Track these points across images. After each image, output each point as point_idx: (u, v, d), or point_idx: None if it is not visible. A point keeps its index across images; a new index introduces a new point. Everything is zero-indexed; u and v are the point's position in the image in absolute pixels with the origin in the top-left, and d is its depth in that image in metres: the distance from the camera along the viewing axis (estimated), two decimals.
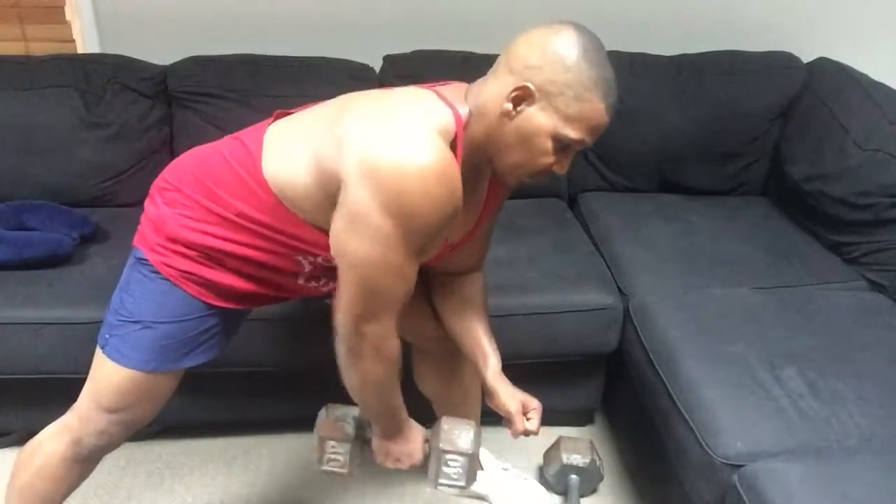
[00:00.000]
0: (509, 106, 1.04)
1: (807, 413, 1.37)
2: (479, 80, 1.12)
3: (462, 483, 1.25)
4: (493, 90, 1.07)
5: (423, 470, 1.30)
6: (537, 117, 1.04)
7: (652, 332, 1.63)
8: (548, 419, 1.93)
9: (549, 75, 1.02)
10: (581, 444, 1.72)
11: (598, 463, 1.71)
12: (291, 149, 1.13)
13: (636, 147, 2.18)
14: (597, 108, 1.05)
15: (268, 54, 2.10)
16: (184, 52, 2.07)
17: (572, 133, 1.05)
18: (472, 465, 1.26)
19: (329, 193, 1.05)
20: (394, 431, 1.26)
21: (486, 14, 2.27)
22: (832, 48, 2.23)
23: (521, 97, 1.04)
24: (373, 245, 1.00)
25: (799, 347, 1.53)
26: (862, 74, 2.06)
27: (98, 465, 1.32)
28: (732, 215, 2.11)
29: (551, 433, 1.81)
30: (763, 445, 1.31)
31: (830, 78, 2.12)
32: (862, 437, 1.32)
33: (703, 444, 1.35)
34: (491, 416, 1.61)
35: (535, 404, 1.32)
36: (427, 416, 1.65)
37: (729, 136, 2.19)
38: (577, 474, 1.70)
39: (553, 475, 1.72)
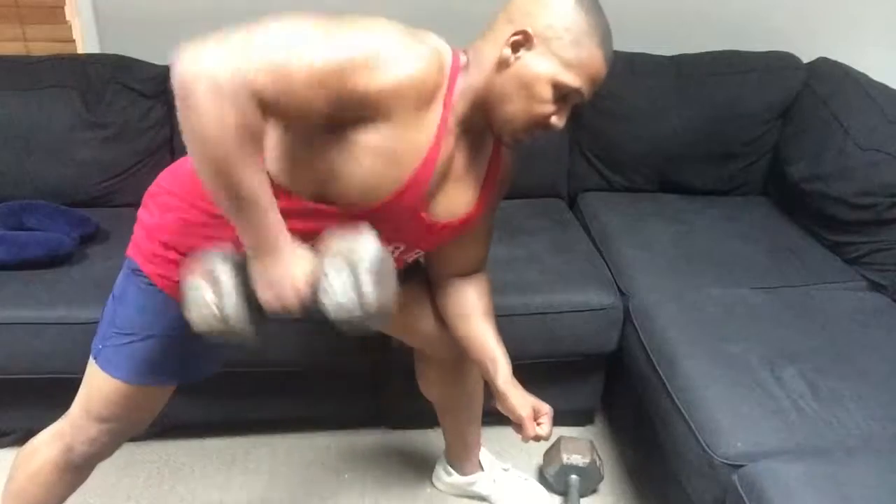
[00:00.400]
0: (508, 51, 1.05)
1: (807, 413, 1.37)
2: (477, 38, 1.12)
3: (353, 305, 0.95)
4: (490, 40, 1.08)
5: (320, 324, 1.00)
6: (536, 62, 1.04)
7: (652, 332, 1.63)
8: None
9: (547, 20, 1.03)
10: (581, 444, 1.72)
11: (598, 463, 1.71)
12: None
13: (636, 147, 2.18)
14: (594, 55, 1.06)
15: None
16: None
17: (571, 80, 1.05)
18: (365, 277, 0.95)
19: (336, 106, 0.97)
20: (265, 243, 0.98)
21: (487, 14, 2.27)
22: (832, 48, 2.23)
23: (520, 42, 1.04)
24: (317, 31, 0.94)
25: (799, 347, 1.53)
26: (862, 74, 2.06)
27: (98, 465, 1.32)
28: (732, 215, 2.11)
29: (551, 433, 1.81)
30: (763, 445, 1.31)
31: (830, 78, 2.12)
32: (862, 437, 1.32)
33: (703, 444, 1.35)
34: (491, 416, 1.61)
35: (546, 409, 1.32)
36: (431, 420, 1.66)
37: (729, 136, 2.19)
38: (577, 474, 1.70)
39: (553, 475, 1.72)
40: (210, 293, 0.97)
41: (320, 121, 0.97)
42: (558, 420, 1.91)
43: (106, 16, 2.19)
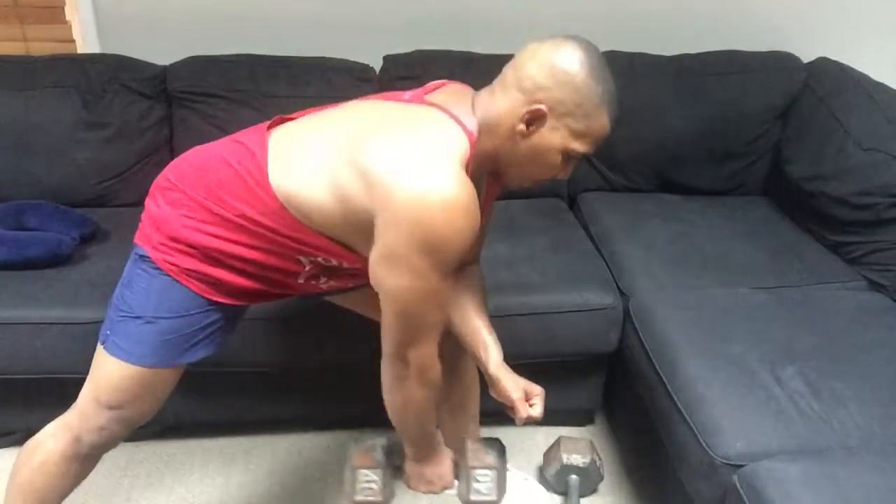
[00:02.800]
0: (523, 127, 1.09)
1: (807, 413, 1.37)
2: (485, 92, 1.14)
3: (493, 497, 1.28)
4: (502, 106, 1.10)
5: (453, 492, 1.34)
6: (549, 136, 1.10)
7: (652, 332, 1.63)
8: (548, 419, 1.93)
9: (559, 95, 1.07)
10: (581, 444, 1.72)
11: (598, 463, 1.71)
12: (300, 160, 1.14)
13: (636, 147, 2.18)
14: (603, 123, 1.11)
15: (268, 54, 2.10)
16: (184, 52, 2.07)
17: (580, 147, 1.11)
18: (501, 478, 1.29)
19: (350, 220, 1.10)
20: (427, 454, 1.29)
21: (486, 14, 2.27)
22: (832, 48, 2.23)
23: (533, 118, 1.08)
24: (410, 279, 1.04)
25: (799, 347, 1.53)
26: (862, 74, 2.06)
27: (98, 465, 1.32)
28: (732, 215, 2.11)
29: (551, 433, 1.81)
30: (763, 445, 1.31)
31: (830, 78, 2.12)
32: (862, 437, 1.32)
33: (703, 444, 1.35)
34: (491, 416, 1.61)
35: (537, 390, 1.33)
36: None
37: (729, 136, 2.19)
38: (577, 474, 1.70)
39: (553, 475, 1.72)
40: (377, 483, 1.27)
41: None
42: (558, 420, 1.92)
43: (106, 16, 2.20)
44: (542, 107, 1.06)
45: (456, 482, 1.32)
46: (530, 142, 1.10)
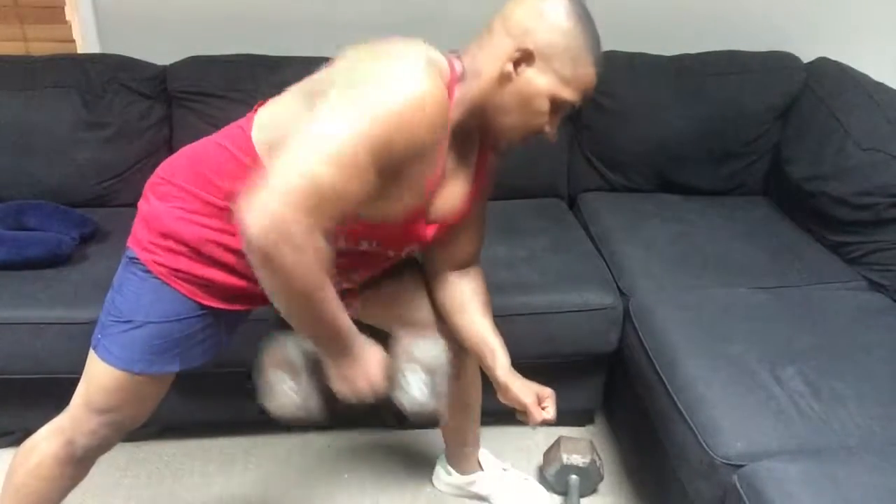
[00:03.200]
0: (510, 68, 1.08)
1: (807, 413, 1.37)
2: (472, 45, 1.14)
3: (427, 402, 1.11)
4: (488, 52, 1.10)
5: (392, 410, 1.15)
6: (536, 79, 1.09)
7: (652, 332, 1.63)
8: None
9: (548, 38, 1.07)
10: (581, 444, 1.72)
11: (598, 463, 1.71)
12: (278, 112, 1.14)
13: (636, 147, 2.18)
14: (590, 71, 1.10)
15: (268, 54, 2.10)
16: (184, 52, 2.08)
17: (569, 95, 1.10)
18: (438, 380, 1.13)
19: None
20: (341, 350, 1.08)
21: (486, 14, 2.27)
22: (832, 48, 2.23)
23: (522, 59, 1.07)
24: (340, 133, 0.94)
25: (799, 347, 1.53)
26: (862, 74, 2.06)
27: (98, 465, 1.32)
28: (732, 215, 2.11)
29: (551, 433, 1.81)
30: (763, 445, 1.31)
31: (830, 78, 2.12)
32: (862, 437, 1.32)
33: (703, 444, 1.35)
34: (491, 416, 1.61)
35: (548, 392, 1.33)
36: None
37: (729, 136, 2.19)
38: (577, 474, 1.70)
39: (553, 475, 1.72)
40: (290, 384, 1.10)
41: (372, 193, 1.01)
42: (558, 420, 1.92)
43: (106, 16, 2.20)
44: (530, 47, 1.06)
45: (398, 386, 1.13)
46: (517, 85, 1.09)
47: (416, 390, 1.11)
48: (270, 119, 1.15)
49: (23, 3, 2.15)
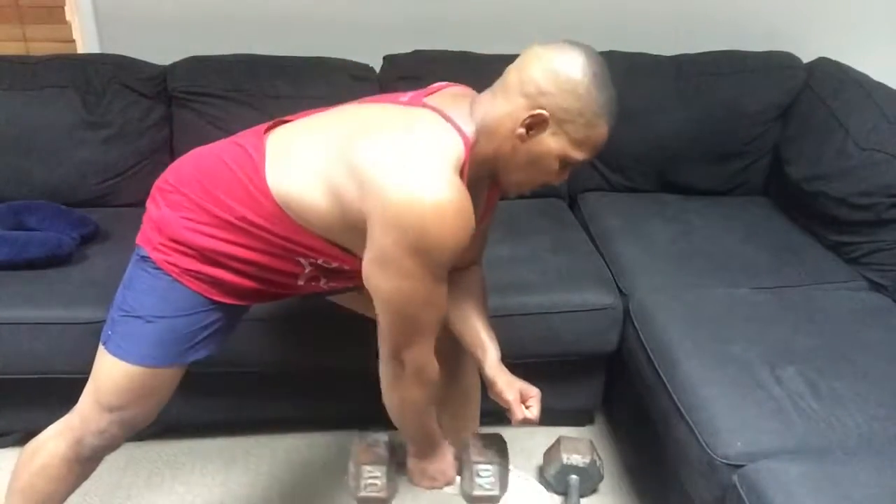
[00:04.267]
0: (523, 131, 1.08)
1: (807, 413, 1.37)
2: (486, 95, 1.14)
3: (496, 492, 1.29)
4: (502, 110, 1.09)
5: (455, 489, 1.35)
6: (548, 142, 1.09)
7: (652, 332, 1.63)
8: (548, 419, 1.92)
9: (562, 102, 1.06)
10: (581, 444, 1.72)
11: (598, 463, 1.71)
12: (296, 163, 1.15)
13: (636, 147, 2.18)
14: (602, 132, 1.11)
15: (268, 54, 2.10)
16: (184, 52, 2.08)
17: (578, 155, 1.11)
18: (504, 473, 1.30)
19: (345, 221, 1.10)
20: (428, 451, 1.30)
21: (486, 14, 2.27)
22: (832, 48, 2.23)
23: (535, 123, 1.08)
24: (402, 281, 1.05)
25: (799, 347, 1.53)
26: (862, 74, 2.06)
27: (98, 465, 1.32)
28: (732, 215, 2.11)
29: (551, 433, 1.81)
30: (763, 445, 1.31)
31: (830, 78, 2.12)
32: (862, 437, 1.32)
33: (703, 444, 1.35)
34: (491, 416, 1.61)
35: (533, 392, 1.32)
36: None
37: (729, 136, 2.19)
38: (577, 474, 1.70)
39: (553, 475, 1.72)
40: (381, 480, 1.28)
41: None
42: (558, 420, 1.92)
43: (106, 16, 2.20)
44: (545, 112, 1.06)
45: (458, 478, 1.32)
46: (529, 147, 1.10)
47: (488, 483, 1.29)
48: (288, 164, 1.15)
49: (23, 3, 2.15)
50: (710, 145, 2.18)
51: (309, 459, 1.85)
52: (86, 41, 2.21)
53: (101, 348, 1.23)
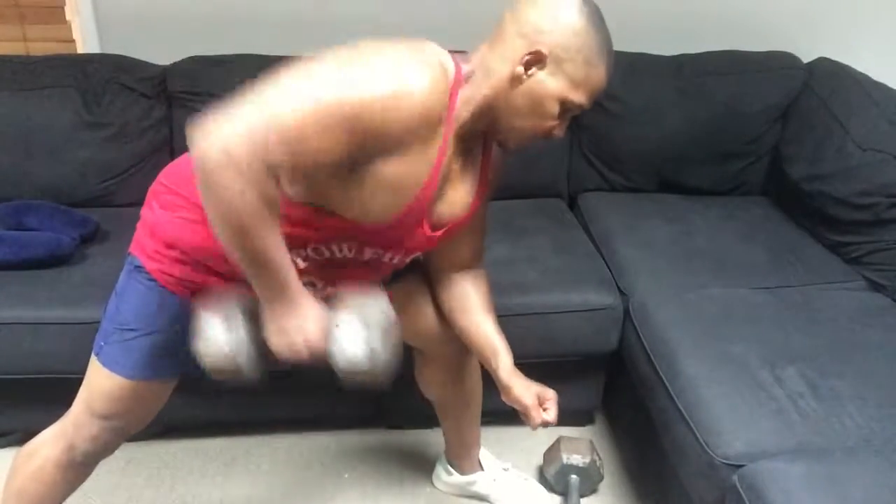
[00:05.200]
0: (521, 70, 1.06)
1: (807, 413, 1.37)
2: (483, 44, 1.13)
3: (361, 359, 1.01)
4: (500, 52, 1.08)
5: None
6: (547, 81, 1.07)
7: (652, 332, 1.63)
8: None
9: (560, 40, 1.05)
10: (581, 444, 1.72)
11: (598, 463, 1.71)
12: None
13: (636, 147, 2.18)
14: (601, 74, 1.10)
15: (268, 54, 2.10)
16: (184, 52, 2.07)
17: (579, 98, 1.09)
18: (376, 336, 1.02)
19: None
20: (279, 298, 1.03)
21: (486, 14, 2.26)
22: (832, 48, 2.23)
23: (533, 62, 1.06)
24: (316, 89, 0.95)
25: (799, 347, 1.53)
26: (862, 74, 2.06)
27: (98, 466, 1.32)
28: (732, 215, 2.11)
29: (551, 433, 1.81)
30: (763, 445, 1.31)
31: (830, 78, 2.12)
32: (862, 437, 1.32)
33: (703, 444, 1.35)
34: (491, 416, 1.61)
35: (550, 394, 1.33)
36: (431, 420, 1.66)
37: (729, 136, 2.18)
38: (577, 474, 1.70)
39: (553, 475, 1.72)
40: (224, 335, 1.02)
41: (334, 167, 1.00)
42: (558, 420, 1.92)
43: (106, 16, 2.20)
44: (543, 49, 1.05)
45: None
46: (528, 87, 1.07)
47: (348, 343, 1.01)
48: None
49: (23, 3, 2.15)
50: (710, 145, 2.18)
51: (309, 459, 1.85)
52: (86, 41, 2.21)
53: (92, 357, 1.22)
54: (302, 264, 1.19)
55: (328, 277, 1.21)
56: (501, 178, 1.32)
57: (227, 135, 0.91)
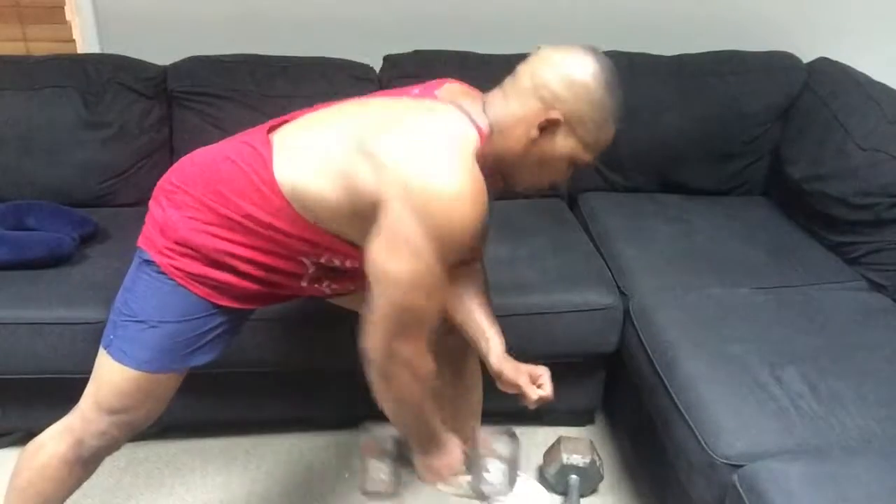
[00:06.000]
0: (536, 133, 1.10)
1: (807, 413, 1.37)
2: (497, 95, 1.15)
3: (504, 490, 1.26)
4: (516, 111, 1.11)
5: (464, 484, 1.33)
6: (559, 144, 1.12)
7: (652, 332, 1.63)
8: (548, 419, 1.93)
9: (576, 108, 1.09)
10: (581, 444, 1.72)
11: (598, 463, 1.71)
12: (307, 154, 1.15)
13: (636, 147, 2.18)
14: (610, 134, 1.15)
15: (268, 54, 2.10)
16: (184, 52, 2.07)
17: (586, 157, 1.15)
18: (513, 469, 1.27)
19: (357, 210, 1.09)
20: (432, 446, 1.26)
21: (486, 14, 2.27)
22: (832, 48, 2.23)
23: (548, 126, 1.10)
24: (412, 264, 1.04)
25: (799, 347, 1.53)
26: (862, 74, 2.06)
27: (98, 467, 1.32)
28: (732, 215, 2.11)
29: (551, 433, 1.81)
30: (763, 445, 1.31)
31: (830, 78, 2.12)
32: (862, 437, 1.33)
33: (703, 444, 1.35)
34: (491, 416, 1.61)
35: (541, 370, 1.34)
36: None
37: (729, 136, 2.19)
38: (577, 474, 1.70)
39: (553, 475, 1.72)
40: (384, 470, 1.27)
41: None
42: (558, 420, 1.92)
43: (106, 16, 2.20)
44: (559, 116, 1.08)
45: (467, 474, 1.30)
46: (540, 148, 1.12)
47: (496, 479, 1.26)
48: (297, 156, 1.15)
49: (23, 3, 2.15)
50: (710, 145, 2.19)
51: (309, 459, 1.85)
52: (86, 41, 2.21)
53: (101, 351, 1.23)
54: (311, 269, 1.23)
55: (333, 278, 1.26)
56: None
57: (387, 341, 1.09)
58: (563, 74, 1.08)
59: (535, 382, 1.32)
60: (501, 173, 1.18)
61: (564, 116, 1.09)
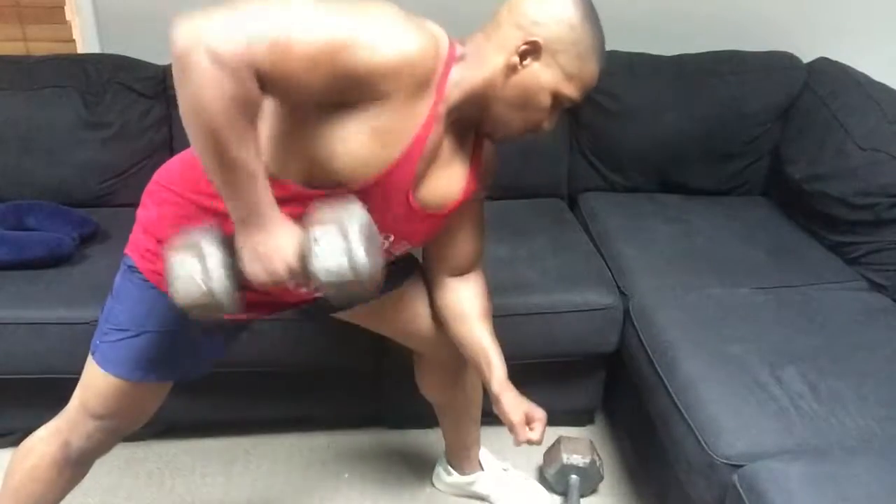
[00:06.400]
0: (516, 59, 1.07)
1: (807, 413, 1.37)
2: (478, 33, 1.13)
3: (344, 269, 0.94)
4: (495, 41, 1.09)
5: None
6: (541, 73, 1.08)
7: (652, 332, 1.63)
8: (548, 419, 1.93)
9: (556, 32, 1.06)
10: (581, 444, 1.72)
11: (598, 463, 1.71)
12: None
13: (636, 147, 2.18)
14: (593, 69, 1.10)
15: None
16: None
17: (571, 91, 1.10)
18: (355, 243, 0.94)
19: (337, 81, 0.97)
20: (252, 215, 0.97)
21: (486, 14, 2.27)
22: (832, 48, 2.23)
23: (529, 52, 1.07)
24: (312, 7, 0.94)
25: (799, 347, 1.53)
26: (862, 74, 2.06)
27: (98, 465, 1.32)
28: (732, 215, 2.11)
29: (551, 433, 1.81)
30: (763, 445, 1.31)
31: (830, 78, 2.12)
32: (862, 437, 1.32)
33: (703, 444, 1.35)
34: (491, 416, 1.61)
35: (539, 414, 1.29)
36: (431, 420, 1.66)
37: (729, 136, 2.18)
38: (577, 474, 1.70)
39: (553, 475, 1.72)
40: (196, 267, 0.95)
41: (315, 98, 0.98)
42: (558, 420, 1.92)
43: (106, 16, 2.19)
44: (539, 40, 1.06)
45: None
46: (521, 78, 1.08)
47: (329, 255, 0.94)
48: (272, 136, 1.08)
49: (23, 3, 2.15)
50: (710, 145, 2.18)
51: (309, 459, 1.85)
52: (86, 41, 2.21)
53: (89, 356, 1.22)
54: None
55: None
56: (502, 178, 1.31)
57: (214, 28, 0.86)
58: (543, 3, 1.07)
59: (530, 424, 1.29)
60: (482, 114, 1.12)
61: (545, 41, 1.06)
